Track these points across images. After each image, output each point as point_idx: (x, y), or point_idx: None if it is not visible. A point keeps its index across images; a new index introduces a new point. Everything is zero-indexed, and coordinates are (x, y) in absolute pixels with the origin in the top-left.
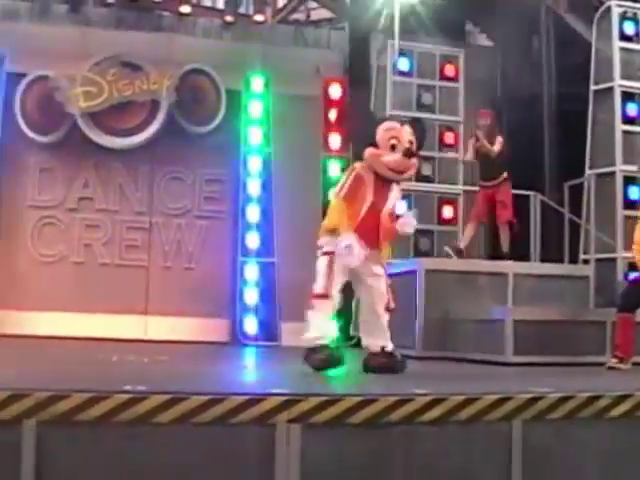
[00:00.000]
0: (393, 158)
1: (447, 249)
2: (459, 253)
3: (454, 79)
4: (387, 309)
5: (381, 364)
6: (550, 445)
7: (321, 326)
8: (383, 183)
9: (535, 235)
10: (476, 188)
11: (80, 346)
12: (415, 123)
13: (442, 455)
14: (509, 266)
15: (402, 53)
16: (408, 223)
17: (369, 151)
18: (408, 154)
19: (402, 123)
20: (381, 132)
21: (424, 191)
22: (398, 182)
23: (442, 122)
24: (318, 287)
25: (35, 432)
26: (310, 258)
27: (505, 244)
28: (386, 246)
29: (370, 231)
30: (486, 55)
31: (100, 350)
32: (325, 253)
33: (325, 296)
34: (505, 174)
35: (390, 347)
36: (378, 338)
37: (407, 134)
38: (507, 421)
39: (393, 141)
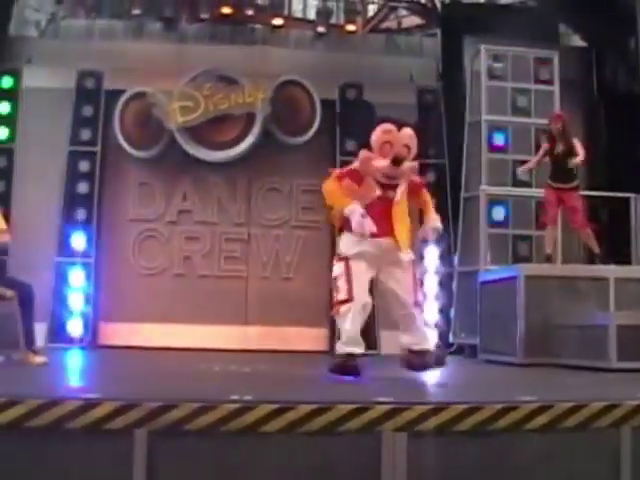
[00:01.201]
0: (382, 164)
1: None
2: (548, 259)
3: (549, 81)
4: (416, 304)
5: (421, 364)
6: None
7: (352, 331)
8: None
9: (636, 238)
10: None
11: (181, 356)
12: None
13: (549, 463)
14: (610, 271)
15: (496, 57)
16: (426, 233)
17: (361, 154)
18: (396, 162)
19: (401, 127)
20: (378, 133)
21: (521, 196)
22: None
23: (538, 125)
24: (341, 293)
25: (146, 441)
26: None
27: (593, 246)
28: (403, 238)
29: (382, 219)
30: (581, 56)
31: (201, 360)
32: (340, 259)
33: (350, 300)
34: (578, 180)
35: (426, 346)
36: (414, 336)
37: (403, 139)
38: (615, 428)
39: (386, 145)
